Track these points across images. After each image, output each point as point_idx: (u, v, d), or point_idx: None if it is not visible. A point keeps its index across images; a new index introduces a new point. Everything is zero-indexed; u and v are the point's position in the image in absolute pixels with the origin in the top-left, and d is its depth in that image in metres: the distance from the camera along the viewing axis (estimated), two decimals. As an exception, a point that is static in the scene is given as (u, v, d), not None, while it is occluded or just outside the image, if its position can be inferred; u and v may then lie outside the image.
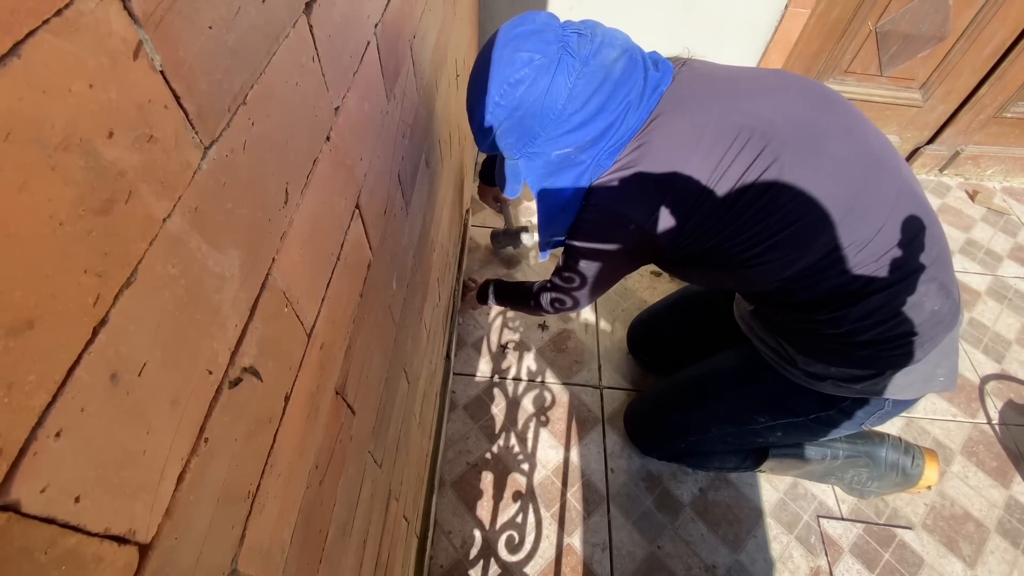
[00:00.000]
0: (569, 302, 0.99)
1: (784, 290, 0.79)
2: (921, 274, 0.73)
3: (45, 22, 0.16)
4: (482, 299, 1.29)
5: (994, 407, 1.37)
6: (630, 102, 0.71)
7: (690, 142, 0.71)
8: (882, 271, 0.72)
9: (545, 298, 1.03)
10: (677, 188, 0.72)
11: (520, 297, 1.15)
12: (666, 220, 0.74)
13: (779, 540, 1.13)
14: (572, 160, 0.75)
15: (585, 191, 0.80)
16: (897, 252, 0.72)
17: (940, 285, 0.75)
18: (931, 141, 1.94)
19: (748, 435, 1.04)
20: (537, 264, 1.62)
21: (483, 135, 0.77)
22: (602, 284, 0.93)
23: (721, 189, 0.71)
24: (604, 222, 0.80)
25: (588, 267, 0.88)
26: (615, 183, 0.76)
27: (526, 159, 0.78)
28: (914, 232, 0.73)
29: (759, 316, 0.94)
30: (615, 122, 0.72)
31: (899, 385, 0.82)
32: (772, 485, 1.20)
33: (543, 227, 0.88)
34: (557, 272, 0.96)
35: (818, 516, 1.16)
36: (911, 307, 0.74)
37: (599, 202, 0.79)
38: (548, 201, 0.82)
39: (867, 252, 0.71)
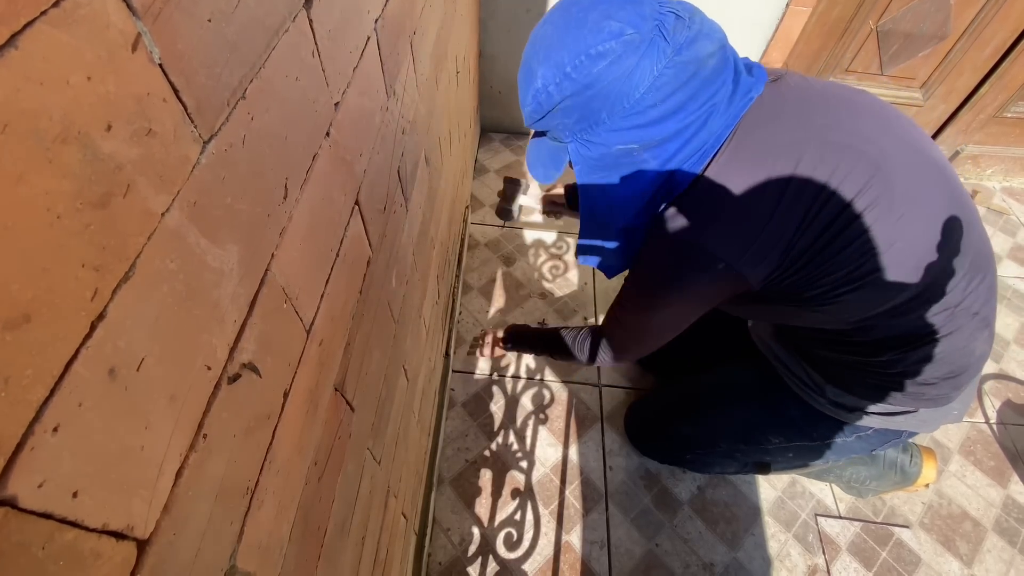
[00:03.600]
0: (626, 356, 0.88)
1: (860, 329, 0.72)
2: (983, 320, 0.71)
3: (43, 13, 0.16)
4: (509, 346, 1.15)
5: (992, 406, 1.37)
6: (715, 104, 0.62)
7: (790, 160, 0.61)
8: (956, 316, 0.69)
9: (594, 348, 0.90)
10: (778, 216, 0.61)
11: (554, 345, 1.01)
12: (763, 256, 0.63)
13: (777, 538, 1.13)
14: (634, 158, 0.64)
15: (653, 212, 0.68)
16: (973, 296, 0.69)
17: (991, 332, 0.74)
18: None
19: (758, 453, 1.03)
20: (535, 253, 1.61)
21: (537, 107, 0.65)
22: (669, 333, 0.80)
23: (824, 217, 0.60)
24: (685, 262, 0.67)
25: (656, 317, 0.76)
26: (699, 210, 0.64)
27: (579, 145, 0.66)
28: (986, 276, 0.70)
29: (784, 341, 0.90)
30: (692, 123, 0.61)
31: (923, 420, 0.82)
32: (770, 484, 1.20)
33: (585, 227, 0.75)
34: (614, 321, 0.84)
35: (816, 515, 1.16)
36: (964, 352, 0.72)
37: (681, 237, 0.66)
38: (595, 197, 0.71)
39: (950, 295, 0.67)
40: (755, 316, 0.89)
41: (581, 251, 0.79)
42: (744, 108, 0.64)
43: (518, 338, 1.12)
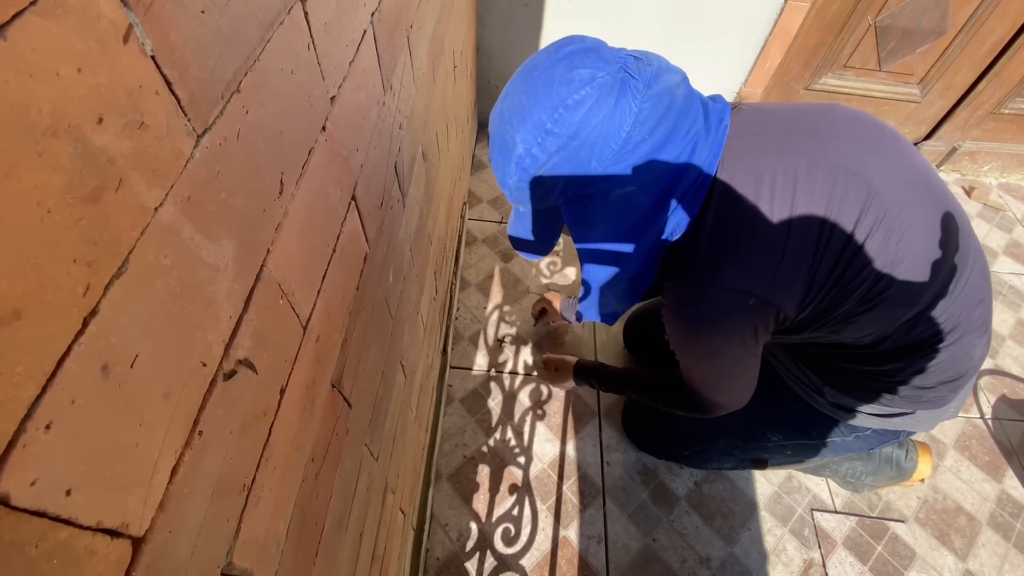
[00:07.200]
0: (724, 406, 0.83)
1: (874, 343, 0.71)
2: (981, 327, 0.72)
3: (32, 3, 0.16)
4: (580, 381, 1.17)
5: (987, 402, 1.38)
6: (697, 133, 0.60)
7: (787, 187, 0.60)
8: (958, 326, 0.69)
9: (691, 401, 0.85)
10: (792, 243, 0.60)
11: (649, 388, 0.98)
12: (790, 283, 0.62)
13: (773, 533, 1.13)
14: (632, 203, 0.62)
15: (661, 255, 0.66)
16: (971, 306, 0.69)
17: (989, 337, 0.74)
18: (928, 137, 1.94)
19: (756, 450, 1.03)
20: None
21: (522, 175, 0.62)
22: (745, 375, 0.76)
23: (838, 240, 0.60)
24: (715, 306, 0.65)
25: (719, 363, 0.73)
26: (712, 249, 0.63)
27: (572, 204, 0.64)
28: (985, 284, 0.70)
29: (780, 342, 0.89)
30: (681, 155, 0.60)
31: (920, 421, 0.83)
32: (766, 479, 1.21)
33: (589, 287, 0.73)
34: (687, 374, 0.81)
35: (812, 509, 1.17)
36: (963, 357, 0.72)
37: (703, 281, 0.64)
38: (598, 254, 0.68)
39: (954, 306, 0.67)
40: (786, 349, 0.87)
41: (586, 312, 0.77)
42: (723, 136, 0.63)
43: (608, 382, 1.10)
